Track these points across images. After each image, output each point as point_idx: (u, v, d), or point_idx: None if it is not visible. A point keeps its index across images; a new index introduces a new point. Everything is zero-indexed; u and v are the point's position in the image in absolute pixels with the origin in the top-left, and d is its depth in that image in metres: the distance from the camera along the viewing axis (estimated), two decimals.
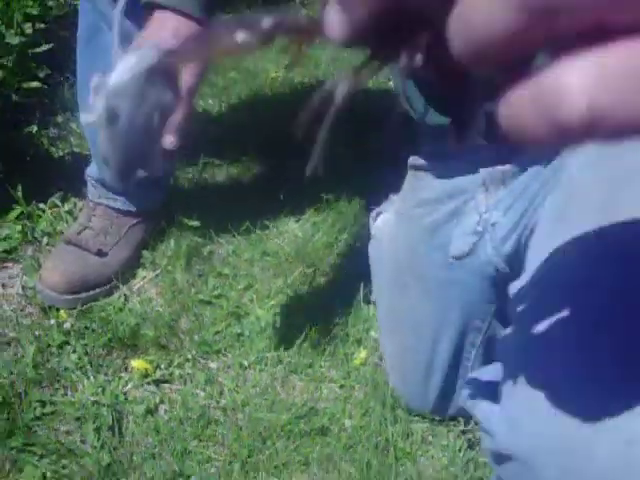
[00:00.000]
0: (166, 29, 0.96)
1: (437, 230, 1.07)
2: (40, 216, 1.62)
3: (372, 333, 1.42)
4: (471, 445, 1.28)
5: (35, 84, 1.81)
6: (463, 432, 1.29)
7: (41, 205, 1.63)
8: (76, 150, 1.81)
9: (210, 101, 1.98)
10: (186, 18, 0.97)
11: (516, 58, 0.25)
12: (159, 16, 0.98)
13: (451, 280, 1.10)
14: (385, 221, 1.20)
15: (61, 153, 1.79)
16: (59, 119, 1.88)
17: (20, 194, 1.60)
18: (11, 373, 1.34)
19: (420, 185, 1.09)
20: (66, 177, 1.68)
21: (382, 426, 1.29)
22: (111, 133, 0.27)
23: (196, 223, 1.60)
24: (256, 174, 1.78)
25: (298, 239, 1.60)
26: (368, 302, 1.47)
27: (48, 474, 1.21)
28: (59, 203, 1.64)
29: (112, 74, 0.26)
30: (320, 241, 1.59)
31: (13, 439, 1.25)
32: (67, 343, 1.40)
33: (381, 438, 1.27)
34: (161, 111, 0.27)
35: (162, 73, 0.27)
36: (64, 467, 1.23)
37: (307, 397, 1.33)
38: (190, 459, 1.24)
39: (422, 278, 1.12)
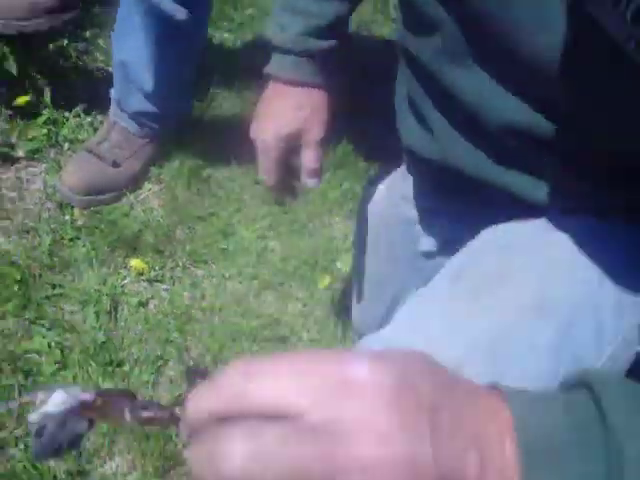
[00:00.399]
0: (289, 105, 0.99)
1: (412, 224, 1.09)
2: (64, 123, 1.84)
3: (337, 264, 1.66)
4: None
5: None
6: None
7: (66, 113, 1.85)
8: (101, 66, 2.01)
9: (226, 35, 2.17)
10: (306, 87, 0.98)
11: None
12: (278, 88, 1.00)
13: (417, 269, 1.12)
14: (380, 191, 1.21)
15: (88, 67, 1.99)
16: (88, 34, 2.07)
17: (48, 101, 1.82)
18: (28, 257, 1.59)
19: (408, 182, 1.12)
20: (90, 90, 1.89)
21: (334, 342, 1.54)
22: (37, 441, 0.40)
23: (200, 148, 1.82)
24: None
25: None
26: (337, 237, 1.71)
27: (53, 344, 1.47)
28: (82, 114, 1.86)
29: (47, 402, 0.38)
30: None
31: (27, 312, 1.51)
32: (78, 238, 1.64)
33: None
34: (75, 436, 0.40)
35: (79, 412, 0.40)
36: (67, 340, 1.48)
37: (274, 310, 1.58)
38: (171, 347, 1.50)
39: (395, 257, 1.15)
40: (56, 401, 0.38)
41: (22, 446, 1.35)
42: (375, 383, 0.36)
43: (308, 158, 1.00)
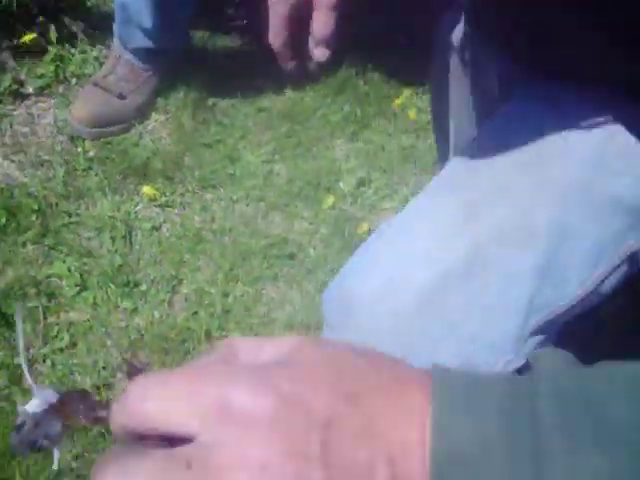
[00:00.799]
0: None
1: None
2: (70, 59, 1.89)
3: (340, 184, 1.72)
4: None
5: None
6: None
7: (72, 50, 1.90)
8: (103, 1, 2.04)
9: None
10: None
11: None
12: None
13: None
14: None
15: (88, 3, 2.03)
16: None
17: (54, 38, 1.87)
18: (44, 188, 1.66)
19: None
20: (93, 26, 1.94)
21: (339, 257, 1.60)
22: (14, 436, 0.41)
23: (203, 78, 1.86)
24: (260, 41, 2.02)
25: (289, 100, 1.87)
26: (340, 159, 1.76)
27: (72, 268, 1.55)
28: (87, 49, 1.91)
29: (29, 402, 0.40)
30: (307, 103, 1.87)
31: (46, 239, 1.58)
32: (90, 168, 1.70)
33: (337, 266, 1.59)
34: (52, 436, 0.42)
35: (54, 413, 0.41)
36: (85, 264, 1.56)
37: (281, 229, 1.65)
38: (184, 267, 1.57)
39: (482, 86, 1.03)
40: (34, 403, 0.41)
41: (49, 363, 1.44)
42: (254, 408, 0.33)
43: (316, 22, 0.85)
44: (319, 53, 0.86)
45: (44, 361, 1.44)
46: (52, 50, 1.87)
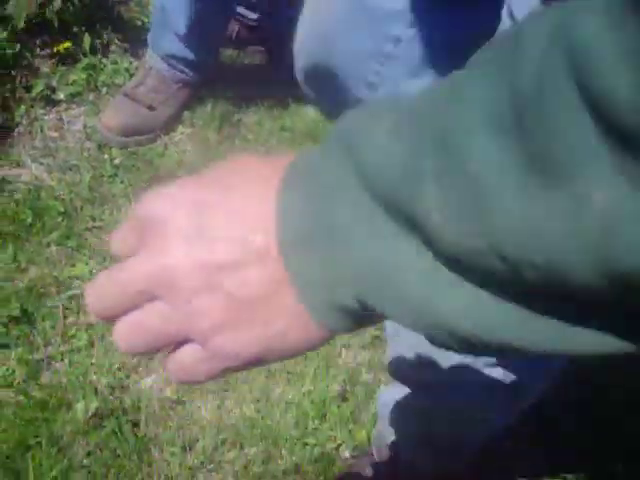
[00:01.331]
0: None
1: None
2: (102, 69, 1.94)
3: None
4: None
5: None
6: None
7: (104, 60, 1.95)
8: (135, 15, 2.10)
9: None
10: None
11: None
12: None
13: None
14: None
15: (123, 17, 2.09)
16: None
17: (87, 48, 1.92)
18: (70, 192, 1.70)
19: None
20: (126, 39, 2.00)
21: None
22: None
23: (230, 94, 1.91)
24: (285, 60, 2.07)
25: (312, 121, 1.92)
26: None
27: (94, 271, 1.59)
28: (118, 60, 1.96)
29: None
30: (329, 124, 1.92)
31: (69, 241, 1.62)
32: (116, 175, 1.75)
33: None
34: None
35: None
36: (107, 268, 1.59)
37: None
38: None
39: None
40: None
41: (67, 361, 1.48)
42: (152, 214, 0.38)
43: None
44: None
45: (62, 359, 1.48)
46: (85, 59, 1.92)
